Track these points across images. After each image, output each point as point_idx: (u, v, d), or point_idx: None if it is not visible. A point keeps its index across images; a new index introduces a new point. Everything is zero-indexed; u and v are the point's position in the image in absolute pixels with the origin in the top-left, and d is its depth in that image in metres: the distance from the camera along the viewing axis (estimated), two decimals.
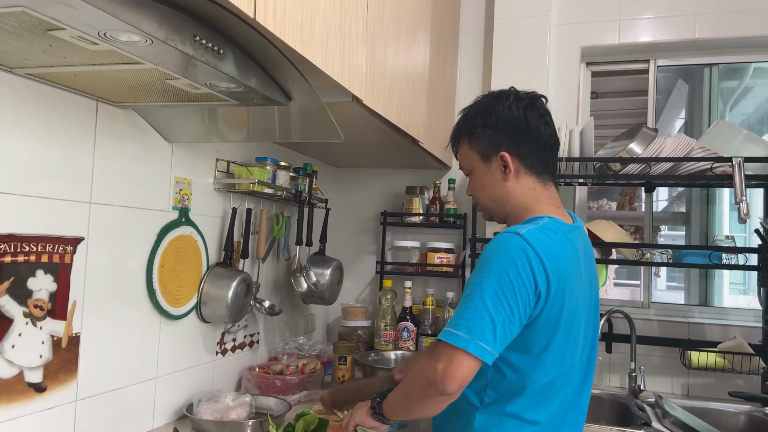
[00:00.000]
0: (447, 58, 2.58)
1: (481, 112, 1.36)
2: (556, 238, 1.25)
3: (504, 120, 1.32)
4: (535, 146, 1.33)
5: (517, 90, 1.37)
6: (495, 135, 1.33)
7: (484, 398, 1.27)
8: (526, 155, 1.33)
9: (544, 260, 1.19)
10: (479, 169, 1.37)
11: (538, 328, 1.22)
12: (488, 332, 1.14)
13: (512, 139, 1.32)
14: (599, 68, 2.72)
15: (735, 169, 2.00)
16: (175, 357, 1.70)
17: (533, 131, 1.33)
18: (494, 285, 1.16)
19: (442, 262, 2.56)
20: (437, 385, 1.15)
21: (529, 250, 1.18)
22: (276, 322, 2.31)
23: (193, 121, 1.56)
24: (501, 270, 1.17)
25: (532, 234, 1.21)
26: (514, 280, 1.16)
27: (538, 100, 1.36)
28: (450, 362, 1.14)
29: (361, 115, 1.72)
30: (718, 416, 2.16)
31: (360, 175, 2.87)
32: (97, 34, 0.91)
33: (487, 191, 1.37)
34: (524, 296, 1.17)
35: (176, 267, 1.67)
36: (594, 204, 3.64)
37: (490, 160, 1.35)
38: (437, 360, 1.15)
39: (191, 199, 1.74)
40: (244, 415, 1.67)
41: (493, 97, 1.37)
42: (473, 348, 1.13)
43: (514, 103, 1.33)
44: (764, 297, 2.21)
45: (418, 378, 1.21)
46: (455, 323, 1.17)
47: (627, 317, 2.29)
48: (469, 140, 1.38)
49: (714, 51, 2.54)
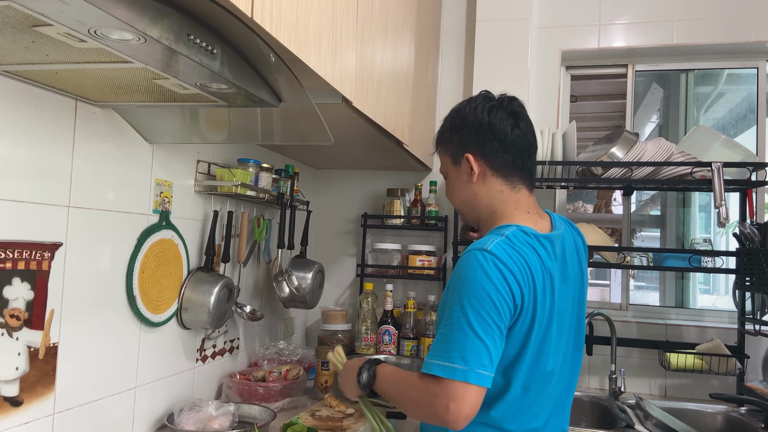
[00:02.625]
0: (429, 60, 2.57)
1: (451, 116, 1.39)
2: (522, 248, 1.21)
3: (469, 122, 1.32)
4: (500, 147, 1.30)
5: (488, 93, 1.37)
6: (461, 138, 1.34)
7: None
8: (492, 157, 1.31)
9: (515, 273, 1.16)
10: (451, 172, 1.38)
11: (510, 338, 1.19)
12: (485, 358, 1.11)
13: (476, 141, 1.31)
14: (579, 72, 2.74)
15: (714, 173, 2.04)
16: (155, 365, 1.64)
17: (497, 133, 1.30)
18: (476, 307, 1.13)
19: (424, 264, 2.55)
20: (448, 424, 1.12)
21: (501, 265, 1.15)
22: (255, 327, 2.26)
23: (174, 122, 1.51)
24: (479, 289, 1.14)
25: (498, 248, 1.18)
26: (494, 298, 1.13)
27: (507, 102, 1.33)
28: (456, 400, 1.10)
29: (348, 116, 1.69)
30: (696, 417, 2.20)
31: (340, 177, 2.84)
32: (87, 31, 0.85)
33: (457, 193, 1.38)
34: (506, 312, 1.15)
35: (157, 272, 1.61)
36: (570, 206, 3.68)
37: (459, 163, 1.35)
38: (447, 399, 1.10)
39: (172, 202, 1.68)
40: (227, 425, 1.62)
41: (465, 101, 1.38)
42: (474, 378, 1.10)
43: (480, 104, 1.33)
44: (740, 299, 2.26)
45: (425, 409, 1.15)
46: (449, 356, 1.12)
47: (608, 320, 2.31)
48: (443, 144, 1.40)
49: (691, 57, 2.58)
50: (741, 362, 2.21)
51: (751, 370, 2.29)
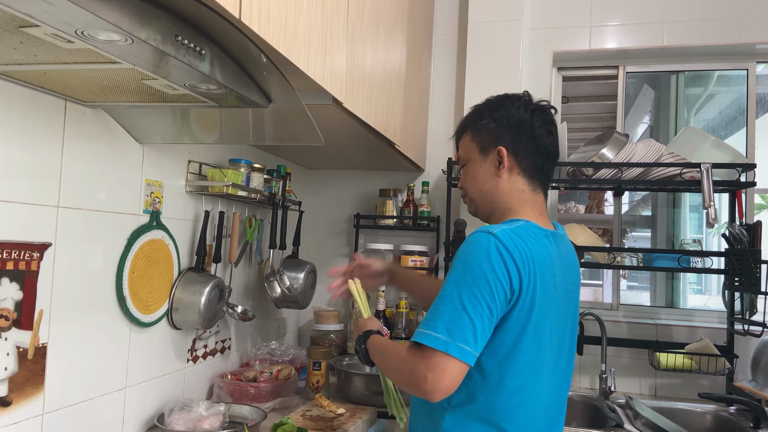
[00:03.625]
0: (421, 61, 2.58)
1: (490, 106, 1.37)
2: (529, 240, 1.23)
3: (510, 117, 1.33)
4: (534, 149, 1.33)
5: (530, 95, 1.39)
6: (498, 129, 1.34)
7: (452, 399, 1.23)
8: (524, 156, 1.33)
9: (517, 259, 1.17)
10: (475, 161, 1.37)
11: (506, 328, 1.19)
12: (468, 333, 1.12)
13: (513, 137, 1.32)
14: (570, 73, 2.76)
15: (703, 174, 2.05)
16: (145, 365, 1.64)
17: (535, 135, 1.33)
18: (471, 285, 1.15)
19: (416, 265, 2.55)
20: (426, 394, 1.13)
21: (503, 249, 1.17)
22: (247, 327, 2.26)
23: (164, 122, 1.51)
24: (477, 269, 1.15)
25: (505, 234, 1.20)
26: (490, 279, 1.15)
27: (547, 110, 1.37)
28: (436, 371, 1.11)
29: (339, 117, 1.69)
30: (686, 416, 2.21)
31: (332, 177, 2.84)
32: (74, 32, 0.86)
33: (478, 183, 1.37)
34: (500, 294, 1.16)
35: (147, 272, 1.61)
36: (562, 207, 3.70)
37: (488, 153, 1.35)
38: (427, 369, 1.12)
39: (162, 202, 1.68)
40: (217, 425, 1.62)
41: (505, 96, 1.39)
42: (454, 350, 1.11)
43: (524, 103, 1.35)
44: (729, 299, 2.27)
45: (405, 377, 1.18)
46: (434, 325, 1.14)
47: (598, 319, 2.33)
48: (473, 131, 1.38)
49: (681, 58, 2.60)
50: (730, 362, 2.23)
51: (741, 370, 2.31)
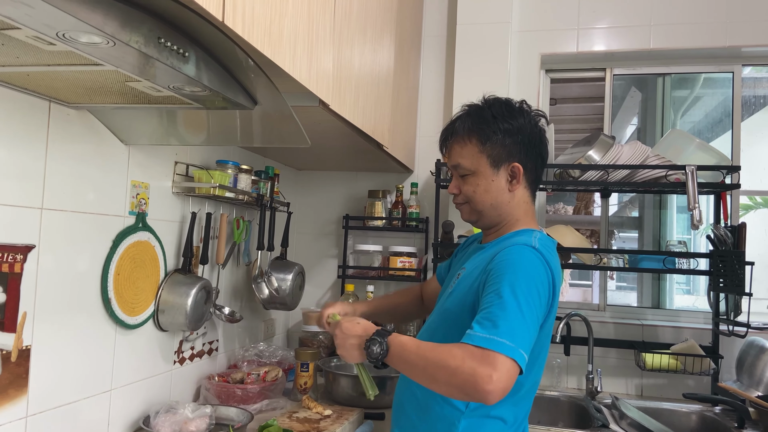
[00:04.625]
0: (410, 62, 2.58)
1: (500, 117, 1.34)
2: (553, 254, 1.31)
3: (523, 132, 1.34)
4: (540, 164, 1.39)
5: (529, 105, 1.40)
6: (513, 145, 1.33)
7: (470, 403, 1.26)
8: (531, 171, 1.37)
9: (555, 274, 1.25)
10: (485, 174, 1.35)
11: (540, 336, 1.25)
12: (528, 341, 1.13)
13: (527, 154, 1.35)
14: (558, 75, 2.77)
15: (688, 176, 2.07)
16: (131, 368, 1.64)
17: (543, 151, 1.38)
18: (527, 295, 1.16)
19: (405, 266, 2.56)
20: (487, 395, 1.06)
21: (546, 266, 1.23)
22: (235, 329, 2.26)
23: (150, 124, 1.50)
24: (530, 282, 1.18)
25: (544, 249, 1.25)
26: (541, 292, 1.19)
27: (544, 124, 1.42)
28: (504, 373, 1.07)
29: (327, 119, 1.69)
30: (671, 416, 2.23)
31: (321, 178, 2.84)
32: (55, 34, 0.85)
33: (490, 197, 1.36)
34: (545, 307, 1.22)
35: (133, 274, 1.61)
36: (551, 208, 3.72)
37: (499, 168, 1.34)
38: (492, 368, 1.06)
39: (149, 204, 1.68)
40: (203, 427, 1.62)
41: (511, 106, 1.37)
42: (519, 357, 1.09)
43: (534, 120, 1.37)
44: (714, 300, 2.30)
45: (462, 377, 1.08)
46: (499, 331, 1.09)
47: (585, 320, 2.34)
48: (482, 142, 1.34)
49: (667, 61, 2.62)
50: (715, 362, 2.25)
51: (726, 371, 2.33)
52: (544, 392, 2.41)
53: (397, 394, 1.46)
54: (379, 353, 1.19)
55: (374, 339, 1.21)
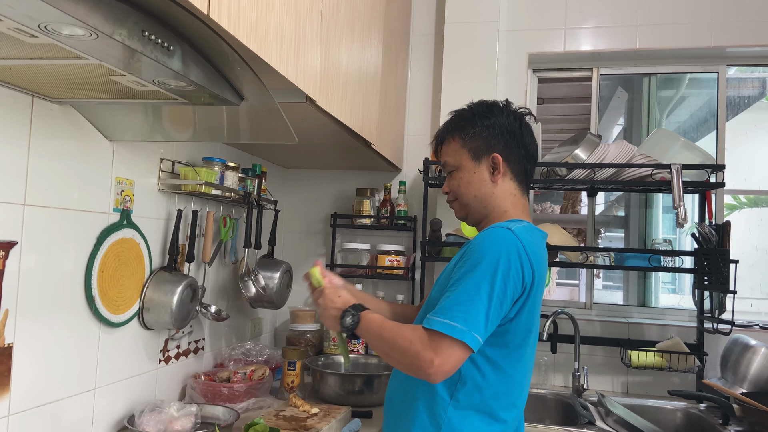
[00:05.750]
0: (398, 61, 2.58)
1: (479, 114, 1.41)
2: (536, 239, 1.33)
3: (501, 125, 1.38)
4: (524, 156, 1.40)
5: (510, 103, 1.45)
6: (491, 136, 1.38)
7: (455, 393, 1.28)
8: (515, 162, 1.39)
9: (531, 258, 1.25)
10: (467, 167, 1.40)
11: (519, 323, 1.27)
12: (482, 324, 1.16)
13: (506, 144, 1.38)
14: (545, 75, 2.78)
15: (673, 175, 2.09)
16: (115, 366, 1.62)
17: (525, 142, 1.40)
18: (490, 279, 1.18)
19: (393, 264, 2.56)
20: (429, 377, 1.16)
21: (521, 248, 1.23)
22: (222, 327, 2.24)
23: (135, 119, 1.49)
24: (496, 264, 1.20)
25: (521, 231, 1.27)
26: (506, 274, 1.20)
27: (527, 118, 1.45)
28: (446, 358, 1.15)
29: (314, 116, 1.69)
30: (657, 413, 2.25)
31: (309, 177, 2.83)
32: (37, 26, 0.84)
33: (473, 189, 1.40)
34: (512, 290, 1.22)
35: (117, 272, 1.59)
36: (538, 207, 3.73)
37: (480, 160, 1.38)
38: (434, 353, 1.14)
39: (134, 201, 1.66)
40: (189, 426, 1.60)
41: (489, 103, 1.44)
42: (469, 339, 1.15)
43: (512, 112, 1.42)
44: (699, 298, 2.32)
45: (408, 358, 1.18)
46: (451, 314, 1.16)
47: (571, 318, 2.35)
48: (462, 138, 1.40)
49: (653, 61, 2.64)
50: (700, 360, 2.27)
51: (710, 368, 2.35)
52: (531, 390, 2.41)
53: (387, 388, 1.46)
54: (351, 324, 1.29)
55: (349, 311, 1.31)
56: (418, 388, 1.32)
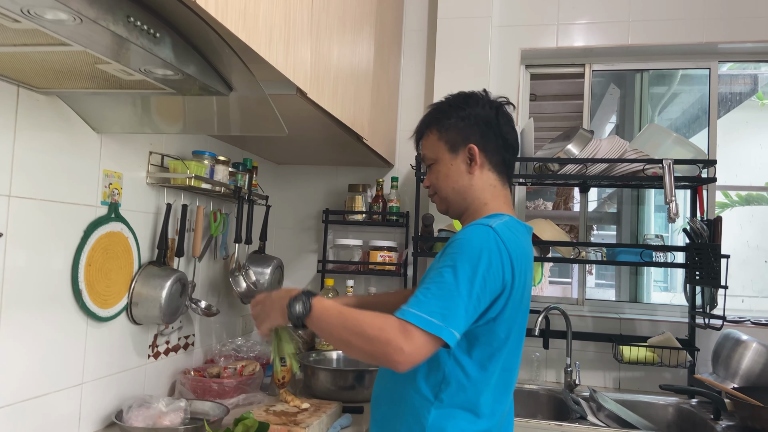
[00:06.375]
0: (390, 56, 2.57)
1: (455, 105, 1.39)
2: (519, 236, 1.30)
3: (477, 115, 1.36)
4: (502, 146, 1.38)
5: (488, 92, 1.43)
6: (466, 127, 1.36)
7: (439, 393, 1.26)
8: (492, 152, 1.37)
9: (512, 256, 1.23)
10: (444, 160, 1.38)
11: (502, 322, 1.25)
12: (460, 321, 1.14)
13: (482, 135, 1.36)
14: (538, 71, 2.78)
15: (665, 170, 2.09)
16: (103, 361, 1.60)
17: (502, 132, 1.38)
18: (469, 274, 1.16)
19: (385, 260, 2.54)
20: (397, 365, 1.11)
21: (501, 245, 1.21)
22: (212, 324, 2.22)
23: (124, 111, 1.47)
24: (476, 260, 1.18)
25: (502, 229, 1.24)
26: (486, 272, 1.18)
27: (506, 107, 1.42)
28: (418, 348, 1.11)
29: (305, 109, 1.67)
30: (648, 409, 2.25)
31: (301, 172, 2.82)
32: (19, 10, 0.83)
33: (451, 182, 1.38)
34: (492, 289, 1.20)
35: (105, 266, 1.57)
36: (531, 204, 3.73)
37: (457, 152, 1.37)
38: (406, 341, 1.10)
39: (122, 194, 1.64)
40: (178, 421, 1.59)
41: (466, 94, 1.42)
42: (446, 335, 1.12)
43: (487, 102, 1.39)
44: (690, 293, 2.32)
45: (376, 345, 1.12)
46: (428, 309, 1.13)
47: (563, 314, 2.35)
48: (439, 130, 1.39)
49: (645, 57, 2.64)
50: (691, 355, 2.27)
51: (702, 363, 2.36)
52: (522, 386, 2.41)
53: (374, 388, 1.45)
54: (301, 312, 1.21)
55: (298, 297, 1.22)
56: (404, 389, 1.30)
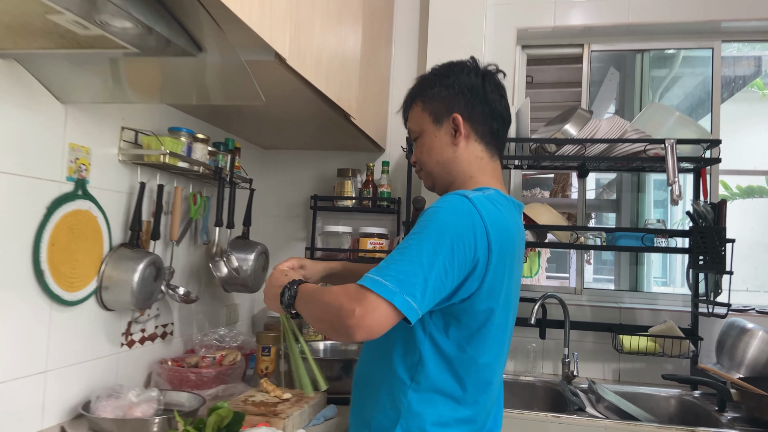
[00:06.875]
0: (381, 35, 2.47)
1: (440, 74, 1.33)
2: (502, 210, 1.21)
3: (461, 83, 1.29)
4: (489, 114, 1.30)
5: (477, 60, 1.36)
6: (450, 96, 1.29)
7: (416, 375, 1.19)
8: (479, 122, 1.29)
9: (489, 228, 1.14)
10: (429, 132, 1.31)
11: (480, 300, 1.16)
12: (417, 288, 1.05)
13: (467, 103, 1.29)
14: (535, 52, 2.68)
15: (668, 150, 1.99)
16: (70, 348, 1.50)
17: (488, 100, 1.30)
18: (434, 243, 1.08)
19: (375, 248, 2.44)
20: (348, 329, 1.04)
21: (476, 215, 1.13)
22: (194, 312, 2.12)
23: (91, 78, 1.37)
24: (443, 229, 1.10)
25: (480, 200, 1.16)
26: (455, 242, 1.09)
27: (496, 73, 1.35)
28: (370, 311, 1.03)
29: (286, 79, 1.57)
30: (649, 401, 2.16)
31: (289, 157, 2.72)
32: None
33: (435, 154, 1.31)
34: (461, 260, 1.11)
35: (71, 246, 1.47)
36: (528, 193, 3.64)
37: (442, 122, 1.30)
38: (358, 304, 1.04)
39: (90, 170, 1.54)
40: (150, 412, 1.49)
41: (452, 63, 1.35)
42: (399, 301, 1.04)
43: (473, 69, 1.32)
44: (693, 280, 2.22)
45: (332, 311, 1.08)
46: (384, 273, 1.06)
47: (561, 302, 2.25)
48: (423, 101, 1.33)
49: (646, 37, 2.55)
50: (694, 344, 2.18)
51: (705, 354, 2.26)
52: (518, 378, 2.32)
53: (354, 372, 1.36)
54: (288, 299, 1.22)
55: (288, 285, 1.24)
56: (380, 371, 1.23)
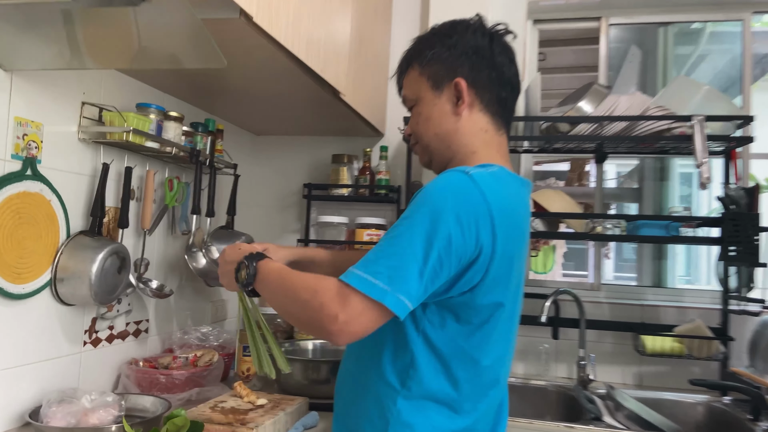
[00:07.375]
0: (377, 10, 2.28)
1: (440, 33, 1.15)
2: (509, 189, 1.05)
3: (466, 43, 1.11)
4: (496, 80, 1.11)
5: (482, 18, 1.15)
6: (452, 58, 1.11)
7: (407, 380, 1.02)
8: (485, 88, 1.11)
9: (493, 210, 0.97)
10: (427, 99, 1.14)
11: (482, 294, 0.99)
12: (412, 285, 0.92)
13: (472, 67, 1.10)
14: (547, 26, 2.47)
15: (695, 129, 1.78)
16: (18, 347, 1.34)
17: (496, 63, 1.11)
18: (429, 230, 0.94)
19: (373, 239, 2.26)
20: (330, 335, 0.92)
21: (478, 197, 0.97)
22: (174, 308, 1.96)
23: (35, 41, 1.21)
24: (440, 212, 0.95)
25: (482, 177, 1.00)
26: (452, 227, 0.94)
27: (505, 34, 1.16)
28: (356, 316, 0.91)
29: (259, 45, 1.38)
30: (675, 407, 1.95)
31: (281, 143, 2.54)
32: None
33: (433, 125, 1.13)
34: (461, 251, 0.95)
35: (17, 232, 1.31)
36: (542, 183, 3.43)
37: (442, 88, 1.12)
38: (341, 307, 0.91)
39: (42, 149, 1.38)
40: (109, 419, 1.32)
41: (455, 21, 1.16)
42: (390, 301, 0.91)
43: (479, 27, 1.13)
44: (723, 273, 2.00)
45: (309, 311, 0.95)
46: (373, 269, 0.93)
47: (576, 299, 2.05)
48: (420, 64, 1.15)
49: (669, 8, 2.32)
50: (724, 345, 1.96)
51: (736, 356, 2.04)
52: (529, 381, 2.12)
53: (338, 375, 1.19)
54: (246, 278, 1.08)
55: (243, 262, 1.09)
56: (367, 375, 1.06)
